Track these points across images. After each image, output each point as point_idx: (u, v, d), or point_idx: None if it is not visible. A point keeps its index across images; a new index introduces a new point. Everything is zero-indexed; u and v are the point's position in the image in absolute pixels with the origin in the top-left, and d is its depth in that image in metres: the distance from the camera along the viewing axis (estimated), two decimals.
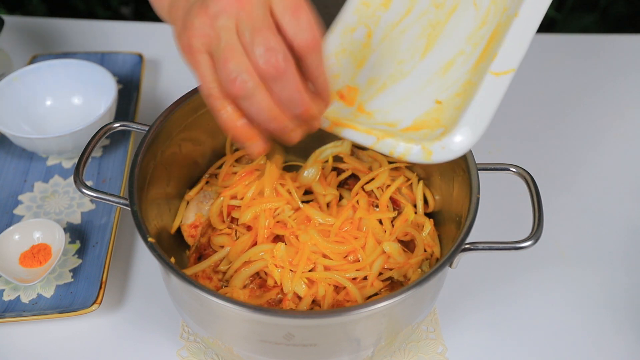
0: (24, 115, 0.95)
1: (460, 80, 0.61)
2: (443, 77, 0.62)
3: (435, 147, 0.57)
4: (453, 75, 0.61)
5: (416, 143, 0.58)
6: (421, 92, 0.62)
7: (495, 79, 0.56)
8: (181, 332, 0.77)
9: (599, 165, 0.98)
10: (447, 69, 0.62)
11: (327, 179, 0.81)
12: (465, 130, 0.56)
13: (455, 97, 0.60)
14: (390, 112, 0.62)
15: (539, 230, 0.64)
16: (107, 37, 1.19)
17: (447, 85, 0.61)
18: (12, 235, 0.81)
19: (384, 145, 0.59)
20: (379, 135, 0.60)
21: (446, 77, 0.62)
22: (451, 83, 0.61)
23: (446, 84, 0.62)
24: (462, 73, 0.61)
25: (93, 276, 0.80)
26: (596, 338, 0.77)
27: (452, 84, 0.61)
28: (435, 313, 0.79)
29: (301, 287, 0.69)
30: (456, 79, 0.61)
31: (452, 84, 0.61)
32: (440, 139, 0.57)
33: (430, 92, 0.62)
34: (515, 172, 0.70)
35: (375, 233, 0.74)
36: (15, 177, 0.92)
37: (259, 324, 0.60)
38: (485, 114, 0.56)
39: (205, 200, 0.80)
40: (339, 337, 0.61)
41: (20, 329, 0.77)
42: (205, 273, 0.73)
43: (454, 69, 0.62)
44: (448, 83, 0.61)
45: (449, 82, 0.61)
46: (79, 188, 0.67)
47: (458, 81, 0.61)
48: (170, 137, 0.74)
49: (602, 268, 0.84)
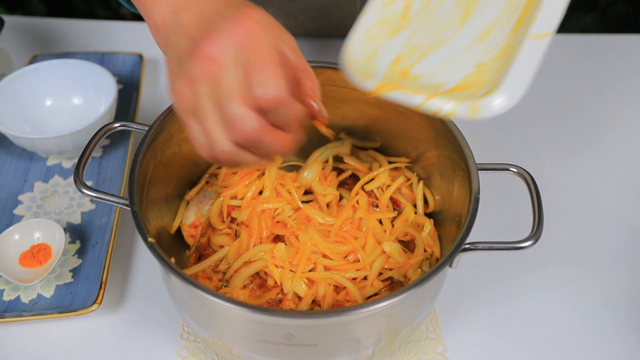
0: (24, 115, 0.95)
1: (499, 45, 0.64)
2: (483, 43, 0.66)
3: (482, 105, 0.60)
4: (492, 40, 0.65)
5: (463, 101, 0.61)
6: (462, 56, 0.66)
7: (534, 42, 0.60)
8: (181, 332, 0.77)
9: (599, 164, 0.98)
10: (486, 35, 0.66)
11: (327, 179, 0.81)
12: (508, 89, 0.59)
13: (495, 60, 0.63)
14: (434, 75, 0.66)
15: (539, 230, 0.64)
16: (107, 37, 1.19)
17: (487, 50, 0.65)
18: (12, 235, 0.81)
19: (432, 104, 0.62)
20: (426, 95, 0.62)
21: (485, 43, 0.65)
22: (491, 47, 0.65)
23: (486, 48, 0.65)
24: (500, 38, 0.65)
25: (93, 276, 0.80)
26: (596, 338, 0.77)
27: (492, 49, 0.65)
28: (435, 313, 0.79)
29: (301, 287, 0.69)
30: (495, 44, 0.65)
31: (492, 48, 0.65)
32: (485, 97, 0.60)
33: (472, 57, 0.66)
34: (515, 172, 0.70)
35: (375, 233, 0.74)
36: (15, 177, 0.92)
37: (259, 324, 0.60)
38: (527, 74, 0.60)
39: (205, 200, 0.80)
40: (339, 337, 0.61)
41: (20, 329, 0.77)
42: (205, 273, 0.73)
43: (493, 35, 0.66)
44: (488, 48, 0.65)
45: (489, 47, 0.65)
46: (79, 188, 0.67)
47: (497, 46, 0.64)
48: (170, 137, 0.74)
49: (602, 268, 0.84)
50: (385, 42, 0.69)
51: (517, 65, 0.60)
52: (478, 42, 0.66)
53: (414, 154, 0.81)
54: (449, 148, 0.72)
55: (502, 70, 0.61)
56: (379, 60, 0.68)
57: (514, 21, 0.65)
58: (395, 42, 0.69)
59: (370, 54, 0.69)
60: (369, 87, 0.66)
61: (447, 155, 0.73)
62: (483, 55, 0.64)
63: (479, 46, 0.66)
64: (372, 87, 0.66)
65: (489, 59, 0.64)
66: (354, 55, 0.69)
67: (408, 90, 0.64)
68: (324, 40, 1.16)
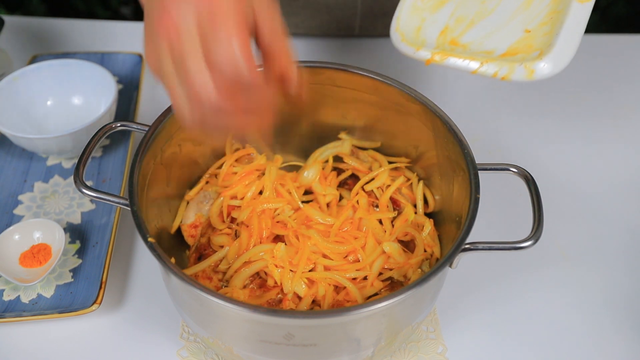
0: (24, 115, 0.95)
1: (544, 11, 0.67)
2: (528, 9, 0.68)
3: (537, 66, 0.63)
4: (537, 7, 0.68)
5: (517, 65, 0.64)
6: (509, 24, 0.69)
7: (580, 4, 0.64)
8: (181, 332, 0.77)
9: (599, 164, 0.98)
10: (530, 3, 0.69)
11: (327, 179, 0.81)
12: (560, 50, 0.63)
13: (542, 25, 0.67)
14: (484, 42, 0.68)
15: (539, 231, 0.64)
16: (106, 37, 1.19)
17: (533, 16, 0.68)
18: (12, 235, 0.81)
19: (487, 68, 0.65)
20: (481, 60, 0.65)
21: (531, 9, 0.68)
22: (536, 14, 0.68)
23: (532, 14, 0.68)
24: (545, 4, 0.68)
25: (93, 276, 0.80)
26: (596, 338, 0.77)
27: (538, 14, 0.68)
28: (435, 313, 0.79)
29: (301, 287, 0.69)
30: (540, 10, 0.68)
31: (537, 14, 0.68)
32: (539, 59, 0.63)
33: (518, 23, 0.68)
34: (515, 172, 0.70)
35: (375, 233, 0.74)
36: (15, 177, 0.92)
37: (259, 324, 0.60)
38: (576, 36, 0.63)
39: (205, 200, 0.80)
40: (339, 337, 0.61)
41: (21, 329, 0.77)
42: (205, 273, 0.73)
43: (537, 2, 0.69)
44: (533, 14, 0.68)
45: (534, 13, 0.68)
46: (79, 188, 0.67)
47: (542, 12, 0.67)
48: (170, 137, 0.74)
49: (603, 268, 0.84)
50: (431, 15, 0.72)
51: (566, 27, 0.63)
52: (522, 9, 0.68)
53: (414, 154, 0.81)
54: (449, 148, 0.72)
55: (552, 33, 0.63)
56: (428, 32, 0.71)
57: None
58: (441, 14, 0.72)
59: (417, 26, 0.71)
60: (424, 55, 0.68)
61: (447, 155, 0.73)
62: (529, 22, 0.67)
63: (523, 13, 0.68)
64: (427, 56, 0.67)
65: (535, 25, 0.66)
66: (403, 27, 0.71)
67: (462, 57, 0.66)
68: (325, 40, 1.16)
